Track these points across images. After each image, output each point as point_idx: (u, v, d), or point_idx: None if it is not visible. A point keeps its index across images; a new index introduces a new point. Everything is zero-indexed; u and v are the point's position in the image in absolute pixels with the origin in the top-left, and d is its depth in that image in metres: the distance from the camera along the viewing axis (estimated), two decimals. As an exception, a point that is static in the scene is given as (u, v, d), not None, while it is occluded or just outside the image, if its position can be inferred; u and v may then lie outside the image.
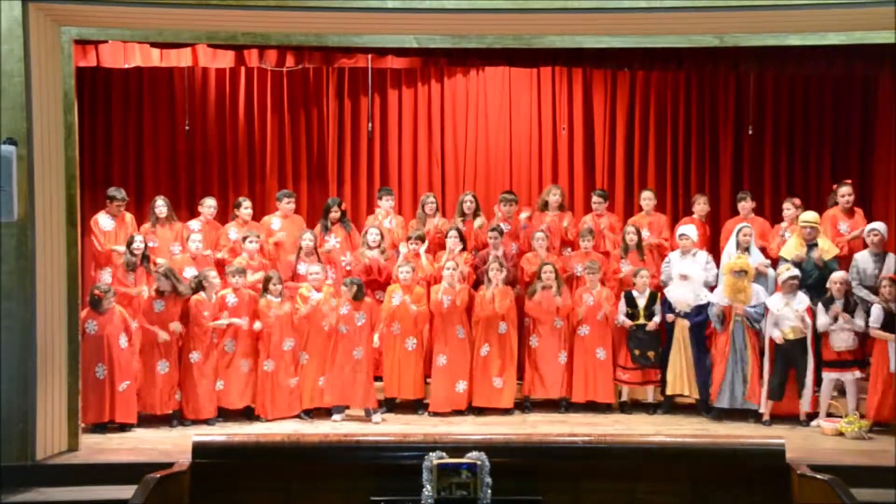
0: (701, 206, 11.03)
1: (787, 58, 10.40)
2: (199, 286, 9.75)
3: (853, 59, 10.40)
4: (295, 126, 12.08)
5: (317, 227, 10.92)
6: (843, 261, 10.15)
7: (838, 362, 9.54)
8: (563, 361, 10.21)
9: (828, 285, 9.66)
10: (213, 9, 8.28)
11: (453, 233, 10.50)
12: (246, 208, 10.86)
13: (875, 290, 9.61)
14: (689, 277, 10.05)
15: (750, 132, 11.67)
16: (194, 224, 10.76)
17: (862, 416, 9.26)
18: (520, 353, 10.33)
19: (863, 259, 9.93)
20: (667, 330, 10.19)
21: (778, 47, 9.60)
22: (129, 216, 10.66)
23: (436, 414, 10.03)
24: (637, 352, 10.18)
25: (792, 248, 10.16)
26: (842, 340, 9.50)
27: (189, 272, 10.11)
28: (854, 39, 8.96)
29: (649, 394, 10.31)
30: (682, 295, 10.05)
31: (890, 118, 11.04)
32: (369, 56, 10.84)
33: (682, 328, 10.08)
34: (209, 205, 10.88)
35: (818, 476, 7.50)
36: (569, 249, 10.84)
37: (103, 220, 10.42)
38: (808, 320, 9.55)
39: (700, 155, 12.14)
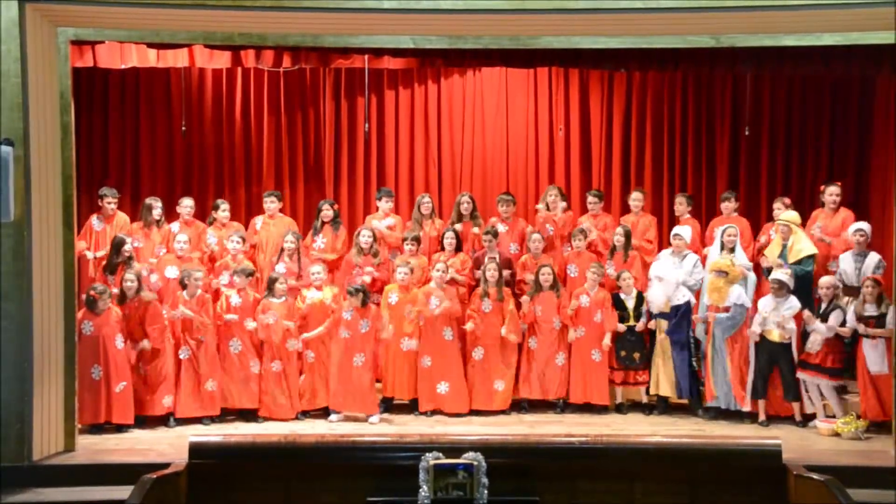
0: (679, 205, 11.01)
1: (783, 58, 10.39)
2: (181, 283, 9.74)
3: (850, 60, 10.39)
4: (291, 127, 12.08)
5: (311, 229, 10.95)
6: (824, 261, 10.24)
7: (810, 365, 9.55)
8: (560, 363, 10.21)
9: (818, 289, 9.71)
10: (209, 9, 8.28)
11: (450, 234, 10.50)
12: (224, 210, 10.83)
13: (856, 291, 9.64)
14: (662, 279, 10.06)
15: (747, 133, 11.68)
16: (174, 226, 10.70)
17: (858, 417, 9.27)
18: (518, 354, 10.32)
19: (845, 259, 9.99)
20: (649, 331, 10.23)
21: (774, 48, 9.60)
22: (123, 217, 10.67)
23: (433, 413, 10.03)
24: (623, 353, 10.19)
25: (770, 248, 10.24)
26: (811, 342, 9.52)
27: (171, 272, 10.10)
28: (851, 40, 8.97)
29: (644, 394, 10.31)
30: (656, 296, 10.07)
31: (886, 119, 11.06)
32: (366, 56, 10.83)
33: (661, 329, 10.10)
34: (186, 205, 10.82)
35: (815, 476, 7.53)
36: (569, 248, 10.83)
37: (95, 223, 10.49)
38: (793, 325, 9.56)
39: (697, 156, 12.14)
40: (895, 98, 10.71)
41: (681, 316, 9.99)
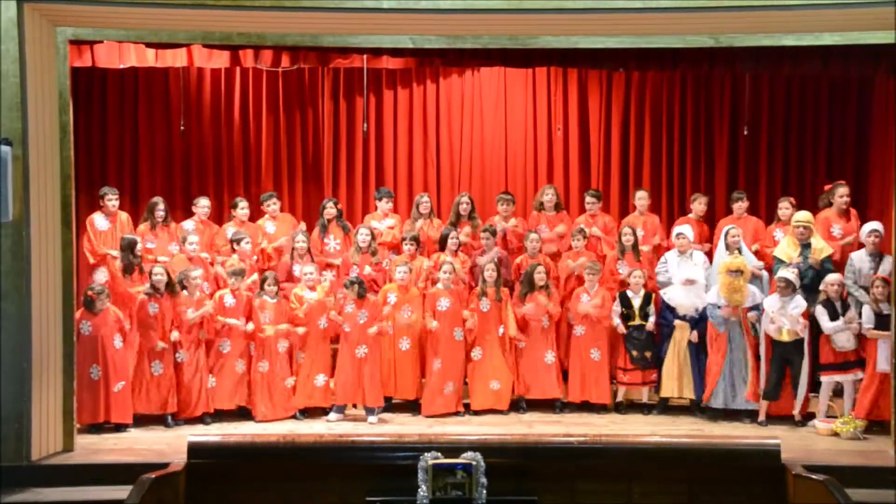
0: (699, 205, 11.00)
1: (782, 58, 10.38)
2: (180, 285, 9.74)
3: (849, 60, 10.39)
4: (290, 126, 12.07)
5: (315, 228, 10.93)
6: (836, 262, 10.15)
7: (841, 364, 9.53)
8: (549, 362, 10.19)
9: (822, 287, 9.66)
10: (208, 9, 8.28)
11: (453, 234, 10.46)
12: (243, 208, 10.86)
13: (869, 291, 9.62)
14: (695, 282, 10.01)
15: (745, 132, 11.67)
16: (188, 224, 10.73)
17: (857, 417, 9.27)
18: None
19: (859, 259, 9.89)
20: (661, 331, 10.19)
21: (773, 48, 9.60)
22: (124, 215, 10.66)
23: (429, 416, 10.02)
24: (635, 353, 10.15)
25: (785, 248, 10.15)
26: (845, 340, 9.49)
27: None
28: (850, 40, 8.97)
29: (644, 394, 10.29)
30: (688, 299, 10.01)
31: (885, 118, 11.04)
32: (364, 56, 10.80)
33: (680, 331, 10.07)
34: (203, 205, 10.87)
35: (813, 476, 7.54)
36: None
37: (99, 221, 10.44)
38: (805, 322, 9.54)
39: (695, 155, 12.12)
40: (894, 97, 10.70)
41: (703, 318, 9.98)
